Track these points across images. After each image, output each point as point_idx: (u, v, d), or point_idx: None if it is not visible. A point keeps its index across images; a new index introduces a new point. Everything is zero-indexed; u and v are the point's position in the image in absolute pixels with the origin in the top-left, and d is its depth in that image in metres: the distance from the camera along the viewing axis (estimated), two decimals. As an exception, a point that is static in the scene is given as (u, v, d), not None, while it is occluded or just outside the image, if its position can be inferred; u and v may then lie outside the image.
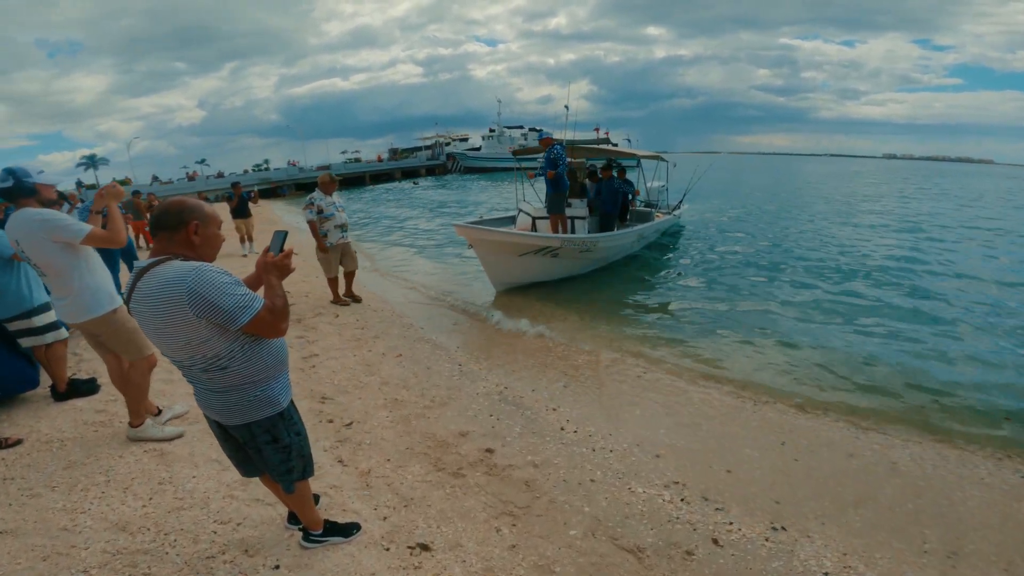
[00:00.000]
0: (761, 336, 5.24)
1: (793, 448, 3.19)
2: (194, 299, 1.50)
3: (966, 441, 3.33)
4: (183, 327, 1.54)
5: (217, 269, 1.59)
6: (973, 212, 17.63)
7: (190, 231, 1.63)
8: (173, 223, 1.62)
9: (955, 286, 7.20)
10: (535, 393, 3.91)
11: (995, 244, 10.93)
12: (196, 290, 1.50)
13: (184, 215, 1.63)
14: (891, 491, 2.78)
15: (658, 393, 3.98)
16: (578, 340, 5.10)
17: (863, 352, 4.76)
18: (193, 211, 1.65)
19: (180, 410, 3.39)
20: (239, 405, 1.72)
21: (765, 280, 7.59)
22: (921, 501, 2.69)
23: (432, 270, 8.86)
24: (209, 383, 1.68)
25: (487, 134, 57.33)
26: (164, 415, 3.29)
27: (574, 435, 3.32)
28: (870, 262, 8.70)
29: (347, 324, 5.49)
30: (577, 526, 2.44)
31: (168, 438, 3.04)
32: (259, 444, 1.82)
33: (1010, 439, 3.35)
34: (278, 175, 40.59)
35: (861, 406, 3.79)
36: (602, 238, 7.26)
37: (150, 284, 1.54)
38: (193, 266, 1.55)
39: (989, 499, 2.72)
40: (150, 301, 1.54)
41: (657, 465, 2.99)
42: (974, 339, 5.14)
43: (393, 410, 3.59)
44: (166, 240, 1.63)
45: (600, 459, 3.03)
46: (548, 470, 2.91)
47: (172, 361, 1.69)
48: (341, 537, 2.21)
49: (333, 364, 4.38)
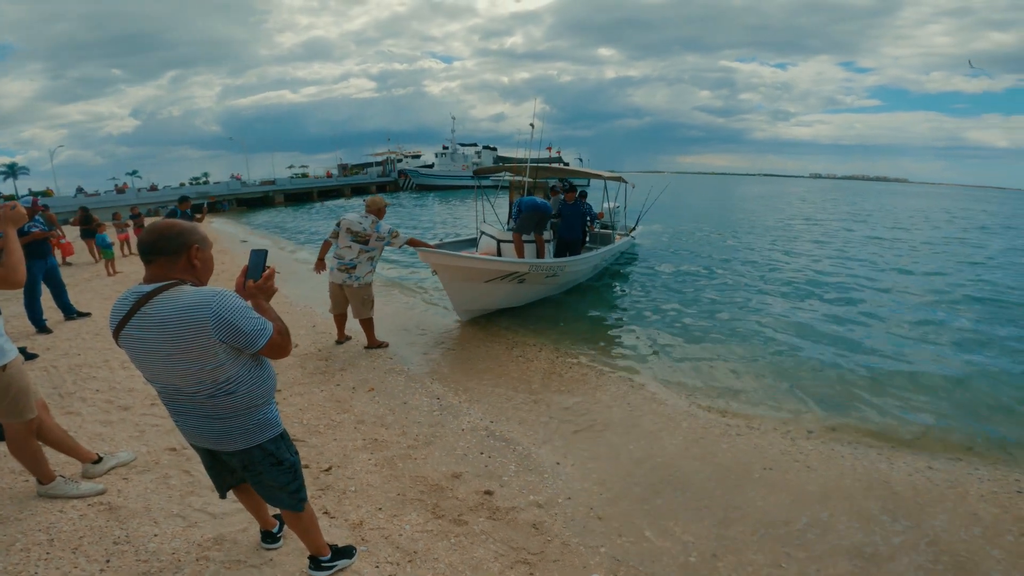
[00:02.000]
0: (742, 353, 5.40)
1: (800, 469, 3.23)
2: (219, 323, 1.52)
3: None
4: (199, 352, 1.53)
5: (234, 294, 1.60)
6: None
7: (191, 255, 1.62)
8: (173, 248, 1.60)
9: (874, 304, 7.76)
10: (523, 427, 3.77)
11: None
12: (221, 314, 1.52)
13: (184, 239, 1.62)
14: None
15: (652, 417, 3.96)
16: (556, 366, 5.01)
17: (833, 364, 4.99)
18: (192, 234, 1.64)
19: (126, 458, 3.03)
20: (242, 430, 1.72)
21: (730, 298, 7.87)
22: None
23: (394, 293, 8.54)
24: (213, 410, 1.66)
25: (440, 151, 56.82)
26: (105, 463, 2.93)
27: (572, 470, 3.21)
28: (831, 287, 9.23)
29: (309, 355, 5.15)
30: (598, 568, 2.33)
31: (85, 495, 2.66)
32: (261, 469, 1.81)
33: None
34: (219, 189, 38.56)
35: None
36: (569, 262, 7.28)
37: (165, 309, 1.52)
38: (215, 291, 1.55)
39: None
40: (166, 327, 1.51)
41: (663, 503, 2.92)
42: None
43: (375, 451, 3.35)
44: (166, 266, 1.60)
45: (606, 495, 2.94)
46: (554, 510, 2.78)
47: (168, 391, 1.66)
48: (347, 559, 2.23)
49: (299, 401, 4.07)
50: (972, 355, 5.55)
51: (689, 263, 11.08)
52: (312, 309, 7.00)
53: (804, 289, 8.72)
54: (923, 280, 9.78)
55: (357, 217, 5.03)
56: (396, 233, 5.07)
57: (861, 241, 15.94)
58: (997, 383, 4.80)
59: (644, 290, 8.55)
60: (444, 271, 5.79)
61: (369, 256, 5.04)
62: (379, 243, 5.03)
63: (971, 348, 5.81)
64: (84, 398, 4.01)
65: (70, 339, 5.55)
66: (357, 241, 4.97)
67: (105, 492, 2.73)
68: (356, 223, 4.98)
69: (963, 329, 6.55)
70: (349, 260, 4.99)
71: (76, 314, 6.43)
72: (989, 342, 6.03)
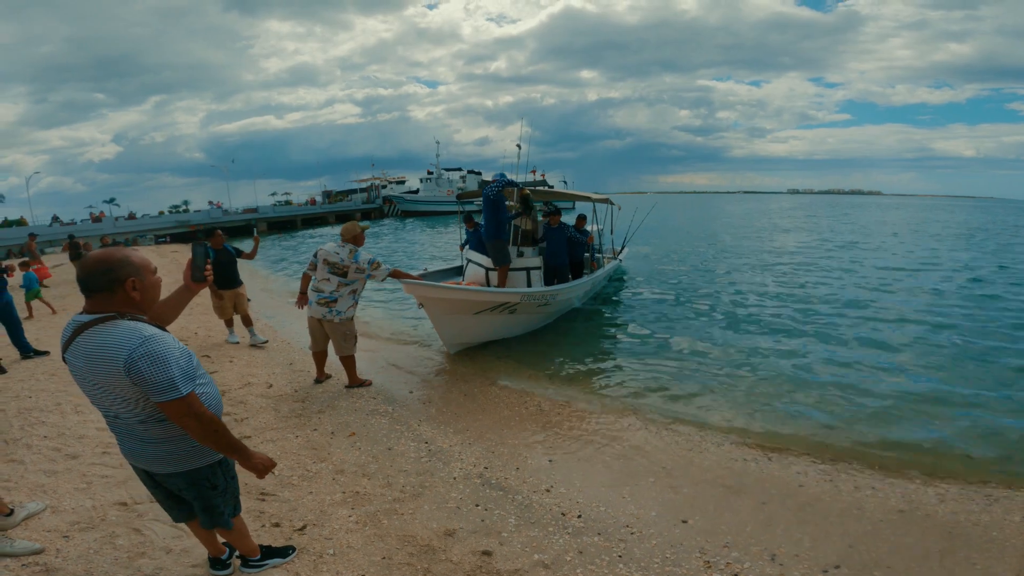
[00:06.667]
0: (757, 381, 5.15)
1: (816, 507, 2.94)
2: (130, 367, 1.50)
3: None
4: (120, 388, 1.55)
5: (165, 340, 1.56)
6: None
7: (128, 289, 1.57)
8: (105, 284, 1.55)
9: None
10: (520, 472, 3.44)
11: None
12: (134, 359, 1.50)
13: (116, 274, 1.55)
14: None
15: (662, 454, 3.69)
16: (552, 401, 4.70)
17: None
18: (124, 267, 1.57)
19: (35, 508, 2.74)
20: (176, 455, 1.74)
21: (728, 325, 7.53)
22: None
23: (375, 324, 8.11)
24: (146, 434, 1.67)
25: (425, 176, 56.66)
26: (17, 515, 2.62)
27: (579, 521, 2.89)
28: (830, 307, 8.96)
29: (283, 396, 4.74)
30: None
31: (19, 554, 2.39)
32: (197, 493, 1.85)
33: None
34: (199, 218, 37.83)
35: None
36: (560, 289, 7.02)
37: (92, 344, 1.53)
38: (143, 335, 1.52)
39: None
40: (90, 360, 1.53)
41: (687, 541, 2.64)
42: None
43: (356, 506, 2.99)
44: (103, 301, 1.57)
45: (621, 548, 2.62)
46: (563, 570, 2.45)
47: (107, 414, 1.68)
48: (280, 558, 2.40)
49: (271, 449, 3.67)
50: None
51: (680, 288, 10.79)
52: (289, 344, 6.63)
53: (831, 317, 7.86)
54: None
55: (334, 247, 4.66)
56: (377, 264, 4.64)
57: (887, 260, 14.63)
58: None
59: (637, 317, 8.22)
60: (431, 304, 5.45)
61: (351, 290, 4.67)
62: (359, 275, 4.64)
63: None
64: (30, 444, 3.62)
65: (23, 380, 5.10)
66: (335, 273, 4.58)
67: (43, 552, 2.44)
68: (333, 253, 4.60)
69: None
70: (329, 293, 4.62)
71: (33, 352, 5.97)
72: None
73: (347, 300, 4.67)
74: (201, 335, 7.00)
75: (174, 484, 1.84)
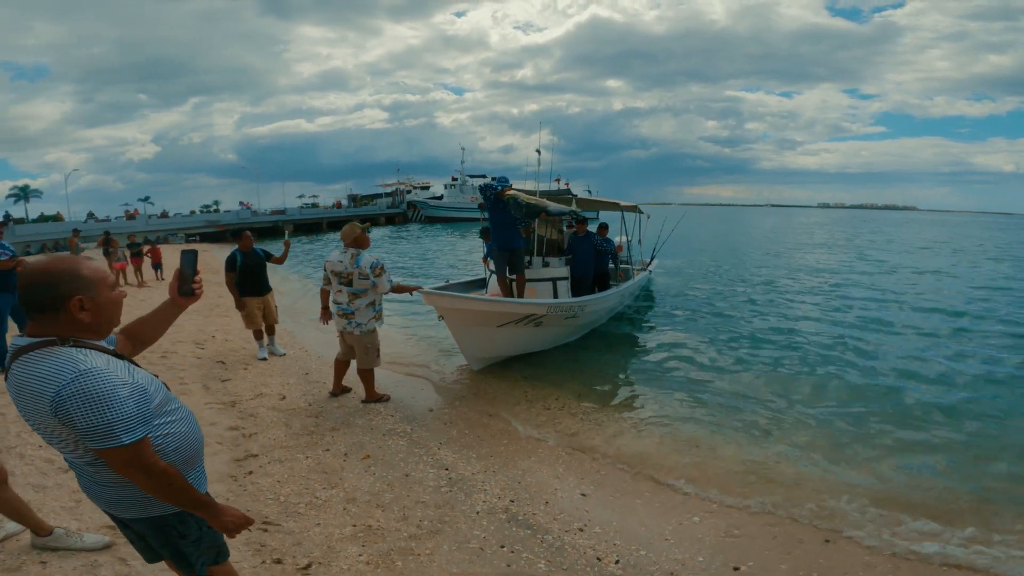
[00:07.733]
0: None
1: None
2: (57, 407, 1.23)
3: None
4: (52, 428, 1.28)
5: (102, 378, 1.24)
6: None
7: (72, 310, 1.29)
8: (46, 303, 1.28)
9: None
10: (550, 507, 3.09)
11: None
12: (63, 398, 1.22)
13: (58, 291, 1.27)
14: None
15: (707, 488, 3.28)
16: (583, 423, 4.33)
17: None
18: (71, 283, 1.28)
19: (13, 529, 2.54)
20: (135, 500, 1.43)
21: (775, 350, 6.77)
22: None
23: (394, 335, 7.54)
24: (95, 476, 1.40)
25: (450, 183, 56.85)
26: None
27: (617, 568, 2.52)
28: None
29: (296, 410, 4.44)
30: None
31: (91, 548, 2.43)
32: (163, 540, 1.54)
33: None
34: (228, 218, 38.54)
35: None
36: (588, 301, 6.63)
37: (24, 373, 1.27)
38: (79, 370, 1.24)
39: None
40: (17, 393, 1.29)
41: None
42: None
43: (367, 543, 2.67)
44: (45, 324, 1.29)
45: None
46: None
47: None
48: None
49: (278, 470, 3.39)
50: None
51: (715, 303, 10.25)
52: (307, 352, 6.38)
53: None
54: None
55: (338, 255, 4.37)
56: (380, 269, 4.26)
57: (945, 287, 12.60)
58: None
59: (680, 338, 7.53)
60: (452, 315, 5.11)
61: (368, 302, 4.37)
62: (364, 282, 4.27)
63: None
64: (23, 454, 3.41)
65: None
66: (343, 283, 4.33)
67: (111, 546, 2.44)
68: (337, 263, 4.34)
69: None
70: (344, 306, 4.37)
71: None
72: None
73: (365, 312, 4.39)
74: (219, 339, 6.82)
75: (138, 528, 1.57)
